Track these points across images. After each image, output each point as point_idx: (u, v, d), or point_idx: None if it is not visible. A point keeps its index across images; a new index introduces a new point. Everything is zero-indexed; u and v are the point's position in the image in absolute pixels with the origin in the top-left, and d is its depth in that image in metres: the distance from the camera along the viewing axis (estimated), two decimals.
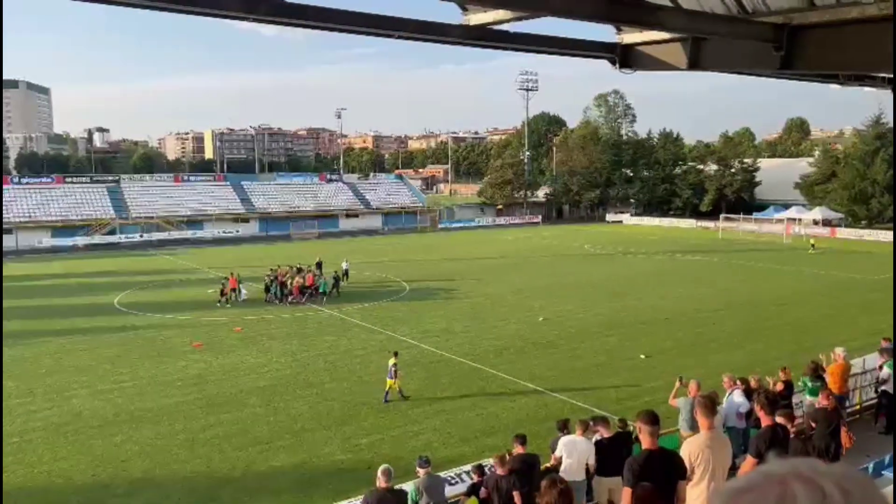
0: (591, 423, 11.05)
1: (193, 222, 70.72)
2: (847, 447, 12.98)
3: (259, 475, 15.02)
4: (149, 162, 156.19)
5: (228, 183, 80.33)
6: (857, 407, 16.28)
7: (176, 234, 67.60)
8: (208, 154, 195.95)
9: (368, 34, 6.91)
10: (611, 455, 10.43)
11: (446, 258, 51.28)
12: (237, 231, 71.51)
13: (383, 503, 8.97)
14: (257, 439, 16.95)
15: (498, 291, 36.43)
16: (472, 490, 9.69)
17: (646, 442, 5.59)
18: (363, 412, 18.73)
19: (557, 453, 10.24)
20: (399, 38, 6.95)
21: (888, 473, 11.21)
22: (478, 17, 6.88)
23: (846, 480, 0.92)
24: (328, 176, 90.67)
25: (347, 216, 79.19)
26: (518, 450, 10.14)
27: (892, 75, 8.81)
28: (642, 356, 23.72)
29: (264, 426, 17.82)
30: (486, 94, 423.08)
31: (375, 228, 77.57)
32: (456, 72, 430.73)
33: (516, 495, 8.79)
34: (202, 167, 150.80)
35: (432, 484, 9.51)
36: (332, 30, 6.54)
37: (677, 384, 13.60)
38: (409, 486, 9.75)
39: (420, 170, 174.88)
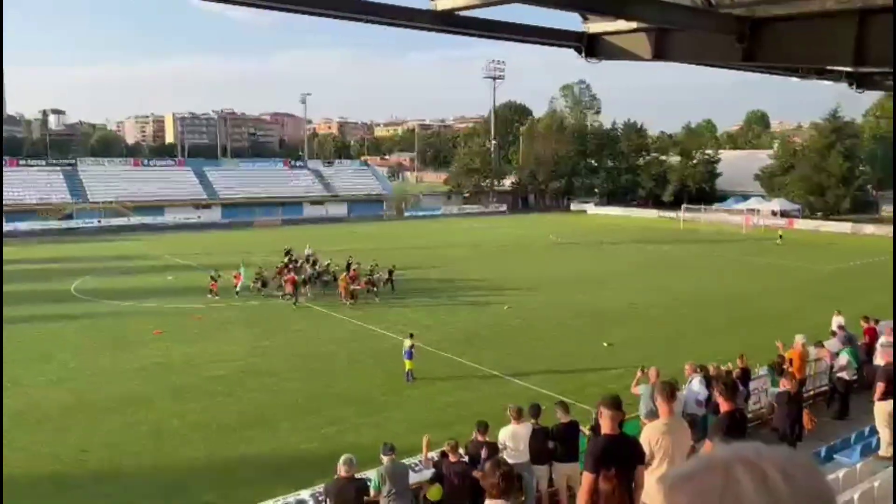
0: (539, 407, 11.22)
1: (153, 208, 69.32)
2: (809, 429, 13.40)
3: (224, 465, 14.88)
4: (107, 145, 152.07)
5: (190, 168, 78.91)
6: (812, 392, 16.76)
7: (135, 220, 66.19)
8: (169, 138, 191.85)
9: (336, 17, 6.81)
10: (565, 441, 10.59)
11: (412, 247, 51.17)
12: (199, 217, 70.29)
13: (343, 492, 8.96)
14: (223, 428, 16.78)
15: (464, 280, 36.53)
16: (437, 478, 9.73)
17: (606, 427, 5.67)
18: (329, 401, 18.67)
19: (503, 440, 10.47)
20: (367, 21, 6.85)
21: (840, 458, 11.59)
22: (445, 2, 6.82)
23: (788, 464, 0.94)
24: (292, 162, 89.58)
25: (312, 203, 78.43)
26: (478, 437, 10.24)
27: (850, 69, 9.02)
28: (606, 344, 24.05)
29: (230, 415, 17.64)
30: (453, 82, 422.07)
31: (340, 216, 76.96)
32: (424, 59, 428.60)
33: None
34: (163, 152, 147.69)
35: (396, 471, 9.52)
36: (299, 12, 6.43)
37: (639, 373, 13.81)
38: (372, 474, 9.74)
39: (386, 157, 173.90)
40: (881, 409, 11.35)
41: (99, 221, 64.87)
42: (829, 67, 8.76)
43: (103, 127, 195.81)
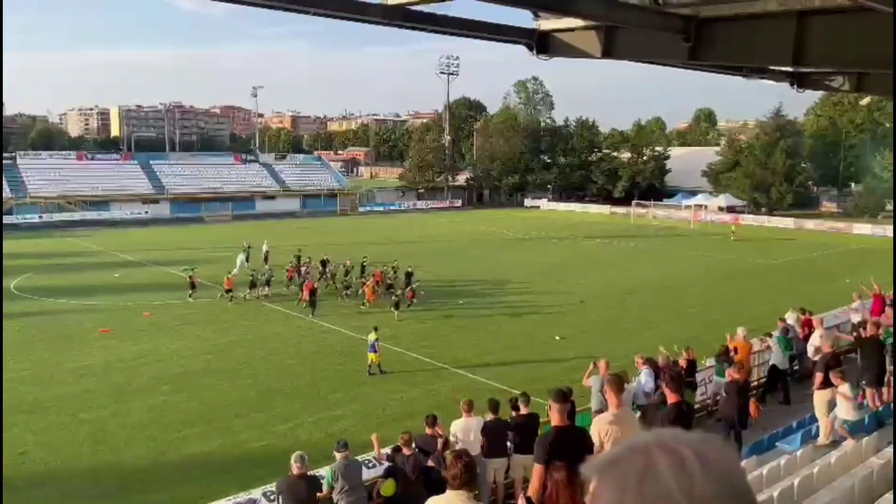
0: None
1: (99, 203, 67.25)
2: (755, 417, 13.84)
3: (171, 464, 14.58)
4: (48, 138, 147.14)
5: (136, 162, 76.73)
6: (756, 382, 17.29)
7: (79, 216, 64.11)
8: (115, 132, 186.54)
9: (285, 9, 6.71)
10: (523, 433, 10.71)
11: (367, 242, 50.86)
12: (146, 213, 68.46)
13: (294, 489, 8.89)
14: (169, 427, 16.44)
15: (419, 275, 36.45)
16: (390, 473, 9.73)
17: (555, 419, 5.75)
18: (281, 398, 18.46)
19: (454, 433, 10.55)
20: (316, 14, 6.78)
21: (781, 445, 11.98)
22: None
23: (704, 447, 0.98)
24: (243, 156, 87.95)
25: (264, 198, 77.20)
26: (428, 430, 10.29)
27: (790, 69, 9.31)
28: (558, 337, 24.36)
29: (177, 414, 17.29)
30: (407, 77, 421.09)
31: (293, 211, 75.91)
32: (378, 54, 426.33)
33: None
34: (108, 145, 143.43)
35: (349, 468, 9.48)
36: (248, 3, 6.32)
37: (591, 366, 14.03)
38: (325, 471, 9.68)
39: (340, 152, 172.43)
40: (820, 397, 11.77)
41: (41, 217, 62.60)
42: (771, 67, 9.03)
43: (44, 119, 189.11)
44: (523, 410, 10.91)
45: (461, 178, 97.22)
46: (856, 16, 5.61)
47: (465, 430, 10.49)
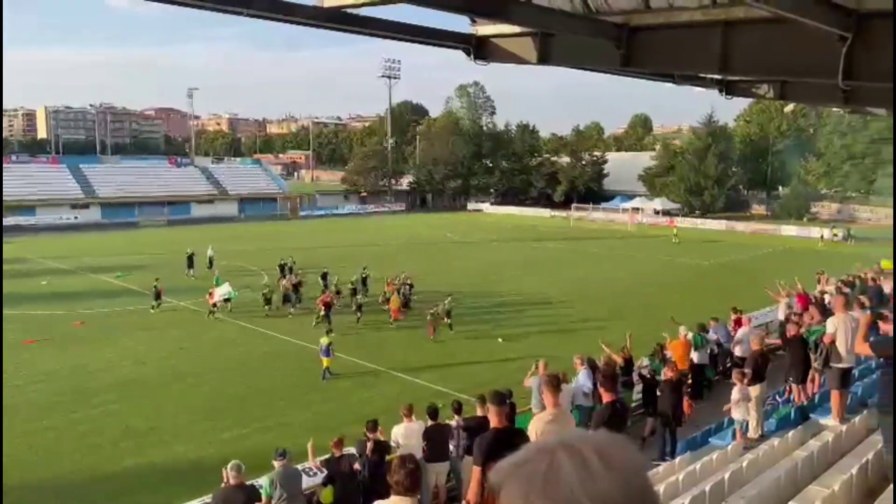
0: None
1: (23, 208, 64.30)
2: (689, 414, 14.24)
3: (110, 477, 14.07)
4: None
5: (65, 165, 73.88)
6: (690, 381, 17.79)
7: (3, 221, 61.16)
8: (41, 133, 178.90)
9: (217, 10, 6.56)
10: (476, 435, 10.74)
11: (308, 246, 50.23)
12: (75, 218, 65.87)
13: (231, 500, 8.69)
14: (108, 440, 15.87)
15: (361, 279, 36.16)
16: (328, 480, 9.61)
17: (494, 421, 5.79)
18: (224, 406, 18.07)
19: (395, 438, 10.52)
20: (248, 15, 6.65)
21: (714, 441, 12.37)
22: None
23: (605, 445, 1.01)
24: (179, 159, 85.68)
25: (200, 202, 75.35)
26: (368, 435, 10.23)
27: (718, 76, 9.63)
28: (500, 339, 24.55)
29: (116, 425, 16.71)
30: (349, 80, 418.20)
31: (231, 215, 74.32)
32: (319, 56, 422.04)
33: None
34: (34, 148, 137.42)
35: (288, 476, 9.32)
36: (179, 4, 6.15)
37: (533, 367, 14.19)
38: (264, 480, 9.49)
39: (280, 155, 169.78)
40: (750, 393, 12.18)
41: None
42: (700, 74, 9.33)
43: None
44: (479, 412, 10.93)
45: (404, 182, 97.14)
46: (777, 26, 5.84)
47: (406, 435, 10.47)
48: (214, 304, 27.51)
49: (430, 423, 11.09)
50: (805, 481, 7.48)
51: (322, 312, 26.02)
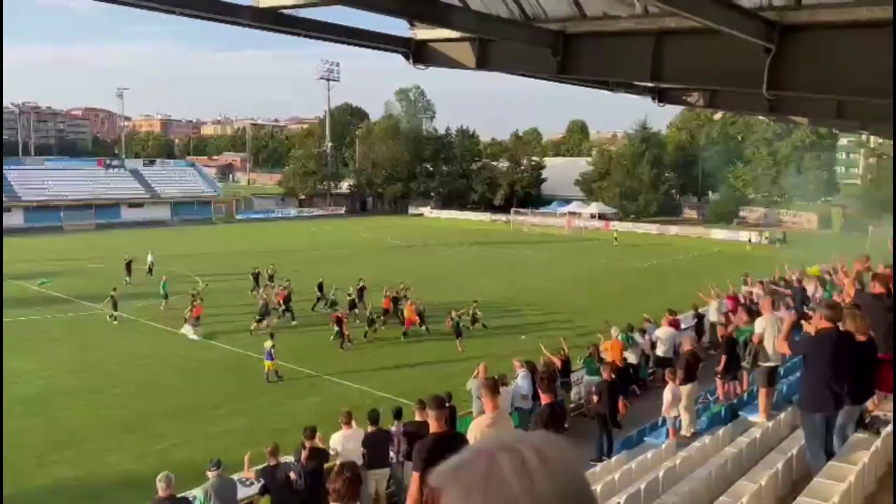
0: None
1: None
2: (623, 414, 14.56)
3: (31, 494, 13.38)
4: None
5: None
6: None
7: None
8: None
9: (149, 8, 6.35)
10: (413, 442, 10.70)
11: (244, 251, 49.20)
12: None
13: None
14: (30, 454, 15.10)
15: (298, 285, 35.60)
16: (264, 490, 9.42)
17: (433, 426, 5.78)
18: (155, 418, 17.46)
19: (334, 446, 10.43)
20: (182, 14, 6.47)
21: (649, 439, 12.68)
22: (268, 0, 6.61)
23: (542, 444, 1.03)
24: (108, 161, 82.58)
25: (131, 206, 72.82)
26: (306, 443, 10.09)
27: (651, 84, 9.89)
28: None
29: (38, 439, 15.94)
30: (288, 81, 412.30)
31: (163, 219, 72.11)
32: (257, 57, 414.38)
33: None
34: None
35: (222, 487, 9.09)
36: (109, 0, 5.92)
37: (475, 370, 14.26)
38: (198, 492, 9.22)
39: (215, 157, 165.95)
40: (682, 392, 12.55)
41: None
42: (633, 82, 9.56)
43: None
44: (419, 417, 10.89)
45: (344, 186, 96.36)
46: (706, 37, 6.03)
47: (345, 442, 10.35)
48: (197, 317, 25.88)
49: (370, 429, 11.00)
50: (734, 477, 7.74)
51: (337, 327, 24.31)
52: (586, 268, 44.46)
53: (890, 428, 6.97)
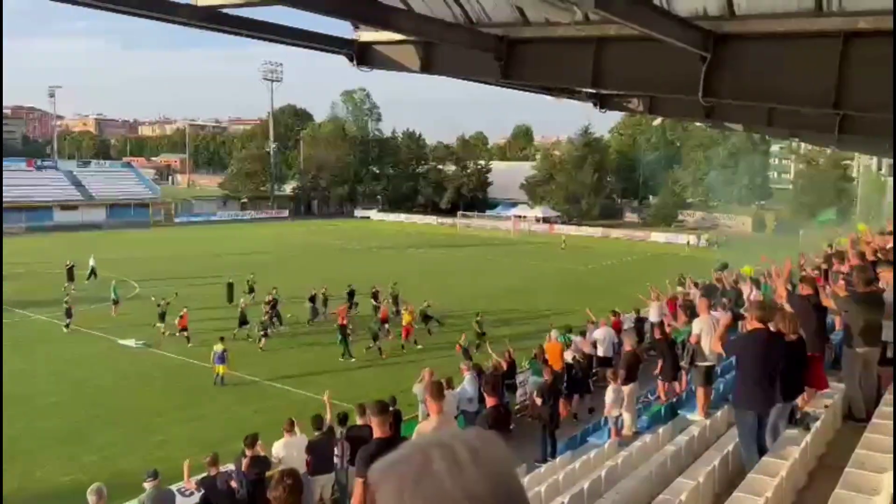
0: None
1: None
2: (564, 415, 14.75)
3: None
4: None
5: None
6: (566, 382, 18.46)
7: None
8: None
9: (79, 4, 6.12)
10: (357, 447, 10.59)
11: (184, 255, 48.02)
12: None
13: None
14: None
15: (239, 289, 34.90)
16: (205, 500, 9.18)
17: (377, 431, 5.74)
18: (94, 427, 16.89)
19: (276, 453, 10.28)
20: (116, 11, 6.26)
21: (592, 440, 12.88)
22: None
23: (474, 440, 1.05)
24: (39, 162, 79.28)
25: (63, 208, 70.08)
26: (247, 451, 9.90)
27: (592, 90, 10.07)
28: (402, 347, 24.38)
29: None
30: (230, 82, 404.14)
31: (98, 222, 69.58)
32: (197, 56, 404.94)
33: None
34: None
35: (159, 498, 8.82)
36: None
37: (421, 375, 14.22)
38: None
39: (153, 158, 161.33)
40: (624, 392, 12.79)
41: None
42: (575, 88, 9.71)
43: None
44: (360, 421, 10.79)
45: (288, 188, 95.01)
46: (645, 45, 6.16)
47: (287, 450, 10.18)
48: (184, 328, 24.81)
49: (314, 434, 10.85)
50: (674, 475, 7.91)
51: (340, 337, 23.67)
52: (537, 270, 44.99)
53: (818, 424, 7.25)
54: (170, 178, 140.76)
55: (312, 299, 28.70)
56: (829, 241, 22.37)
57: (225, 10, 6.67)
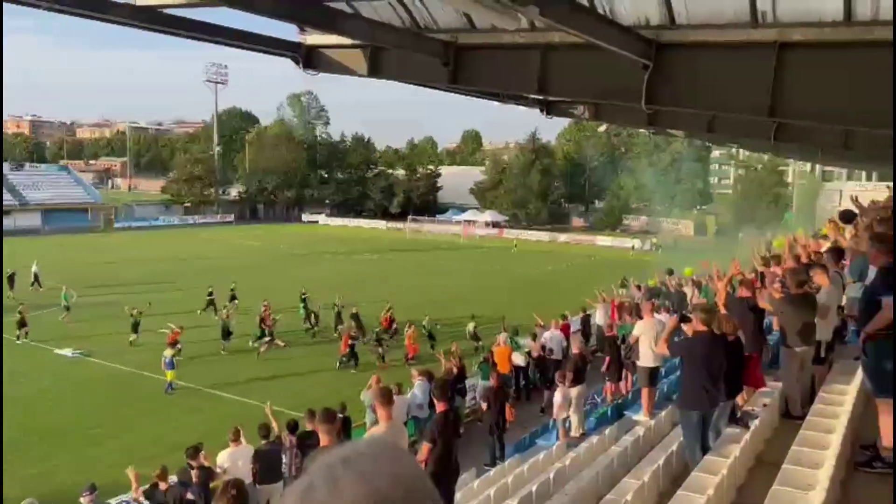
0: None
1: None
2: (511, 420, 14.84)
3: None
4: None
5: None
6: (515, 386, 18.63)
7: None
8: None
9: (15, 2, 5.88)
10: (307, 454, 10.43)
11: (124, 261, 46.62)
12: None
13: None
14: None
15: (183, 297, 34.10)
16: None
17: (323, 440, 5.67)
18: (30, 440, 16.25)
19: (221, 463, 10.08)
20: (49, 9, 6.04)
21: (540, 442, 12.99)
22: None
23: (352, 452, 1.05)
24: None
25: None
26: (190, 462, 9.66)
27: (539, 97, 10.19)
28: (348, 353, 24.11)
29: None
30: (173, 83, 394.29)
31: (33, 228, 66.87)
32: (138, 57, 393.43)
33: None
34: None
35: None
36: None
37: (370, 381, 14.11)
38: None
39: (92, 161, 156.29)
40: (571, 394, 12.96)
41: None
42: (522, 94, 9.82)
43: None
44: (309, 427, 10.64)
45: (233, 192, 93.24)
46: (589, 52, 6.27)
47: (232, 460, 9.97)
48: (174, 343, 22.77)
49: (262, 443, 10.65)
50: (620, 474, 8.05)
51: (345, 350, 22.80)
52: (487, 274, 45.24)
53: (757, 422, 7.48)
54: (110, 182, 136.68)
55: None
56: (766, 245, 23.15)
57: (166, 11, 6.52)
